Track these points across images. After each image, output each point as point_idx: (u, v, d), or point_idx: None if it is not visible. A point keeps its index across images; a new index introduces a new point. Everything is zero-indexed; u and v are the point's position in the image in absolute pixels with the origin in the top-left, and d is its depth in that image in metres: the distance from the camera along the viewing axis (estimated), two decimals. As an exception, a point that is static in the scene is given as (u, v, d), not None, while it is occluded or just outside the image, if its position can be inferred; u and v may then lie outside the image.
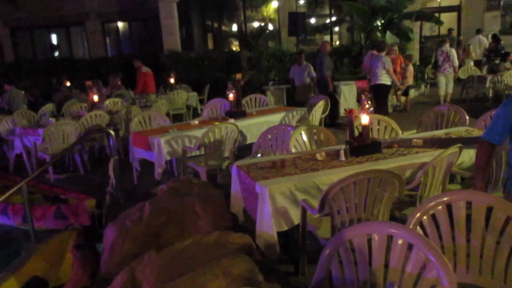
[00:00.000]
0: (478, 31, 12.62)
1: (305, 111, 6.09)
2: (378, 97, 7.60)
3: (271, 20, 17.14)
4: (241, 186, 3.42)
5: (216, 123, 4.99)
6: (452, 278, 1.65)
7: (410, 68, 9.62)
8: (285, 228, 2.96)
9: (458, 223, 2.14)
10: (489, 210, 2.09)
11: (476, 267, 2.13)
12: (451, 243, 2.16)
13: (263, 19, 17.31)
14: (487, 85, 9.39)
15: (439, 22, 11.53)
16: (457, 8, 15.55)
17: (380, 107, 7.54)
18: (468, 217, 2.13)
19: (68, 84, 10.26)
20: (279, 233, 2.94)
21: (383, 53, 7.58)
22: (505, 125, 2.46)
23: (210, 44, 17.40)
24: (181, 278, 2.38)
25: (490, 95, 9.45)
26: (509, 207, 2.05)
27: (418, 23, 12.53)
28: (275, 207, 2.89)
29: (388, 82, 7.56)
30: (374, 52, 7.80)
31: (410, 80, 9.60)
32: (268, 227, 2.90)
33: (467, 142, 3.43)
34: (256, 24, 17.08)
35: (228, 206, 3.54)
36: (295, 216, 2.93)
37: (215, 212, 3.41)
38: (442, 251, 2.11)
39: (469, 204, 2.13)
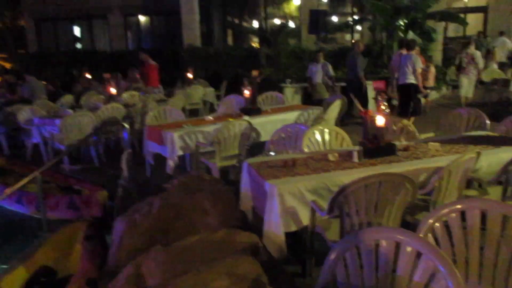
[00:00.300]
0: (502, 33, 12.26)
1: (321, 110, 6.01)
2: (407, 96, 7.42)
3: (292, 17, 17.00)
4: (251, 184, 3.39)
5: (230, 120, 4.96)
6: (461, 289, 1.58)
7: (432, 69, 9.41)
8: (294, 228, 2.91)
9: (471, 232, 2.06)
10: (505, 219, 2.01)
11: (489, 278, 2.05)
12: (463, 252, 2.08)
13: (284, 16, 17.18)
14: (511, 88, 9.12)
15: (464, 23, 11.24)
16: (483, 9, 15.13)
17: (406, 107, 7.38)
18: (483, 226, 2.06)
19: (88, 76, 10.40)
20: (287, 234, 2.90)
21: (413, 52, 7.39)
22: None
23: (230, 40, 17.38)
24: (184, 276, 2.36)
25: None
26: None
27: (443, 23, 12.23)
28: (284, 207, 2.85)
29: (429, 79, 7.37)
30: (403, 51, 7.62)
31: (431, 82, 9.38)
32: (276, 227, 2.86)
33: (488, 143, 3.32)
34: (276, 21, 16.98)
35: (238, 203, 3.51)
36: (304, 217, 2.88)
37: (224, 210, 3.38)
38: (453, 260, 2.05)
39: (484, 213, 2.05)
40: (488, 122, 4.27)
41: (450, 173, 2.82)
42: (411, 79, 7.25)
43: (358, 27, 15.16)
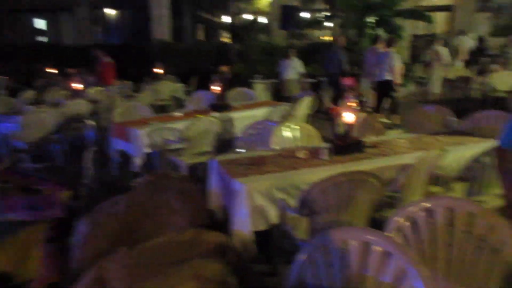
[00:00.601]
0: (461, 32, 12.64)
1: (291, 106, 5.99)
2: (385, 93, 7.49)
3: (263, 13, 16.95)
4: (220, 182, 3.32)
5: (199, 116, 4.87)
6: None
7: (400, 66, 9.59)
8: (263, 227, 2.87)
9: (439, 229, 2.07)
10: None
11: (457, 275, 2.07)
12: (432, 249, 2.09)
13: (255, 12, 17.12)
14: (474, 86, 9.41)
15: (429, 21, 11.49)
16: (449, 8, 15.55)
17: (381, 104, 7.49)
18: (451, 223, 2.07)
19: (52, 70, 10.02)
20: (256, 232, 2.85)
21: (393, 49, 7.48)
22: None
23: (201, 36, 17.19)
24: (150, 279, 2.27)
25: (478, 96, 9.47)
26: (490, 215, 1.99)
27: (411, 21, 12.47)
28: (252, 205, 2.80)
29: (400, 77, 7.52)
30: (380, 46, 7.70)
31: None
32: (244, 226, 2.81)
33: (453, 140, 3.37)
34: (248, 17, 16.90)
35: (207, 202, 3.44)
36: (273, 216, 2.84)
37: (192, 209, 3.30)
38: (422, 257, 2.05)
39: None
40: (453, 119, 4.36)
41: (417, 170, 2.85)
42: (389, 76, 7.35)
43: (331, 24, 15.28)
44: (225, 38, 17.07)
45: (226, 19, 17.36)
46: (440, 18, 14.84)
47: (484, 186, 3.12)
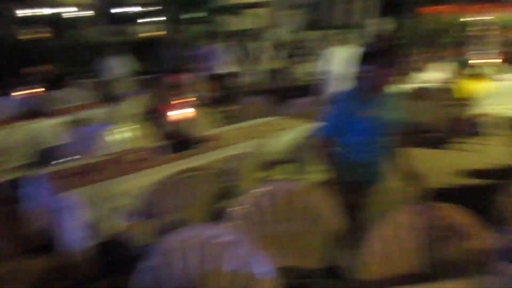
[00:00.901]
0: (274, 27, 13.94)
1: (117, 106, 5.67)
2: (220, 85, 7.86)
3: (85, 6, 15.54)
4: (43, 198, 2.92)
5: (8, 125, 4.22)
6: (271, 269, 1.67)
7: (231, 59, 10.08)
8: (99, 240, 2.65)
9: (279, 211, 2.21)
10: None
11: (298, 250, 2.25)
12: (273, 230, 2.22)
13: (76, 5, 15.56)
14: (289, 76, 10.57)
15: (239, 14, 12.27)
16: (268, 4, 16.83)
17: (218, 97, 7.75)
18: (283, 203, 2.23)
19: None
20: (94, 246, 2.62)
21: (222, 44, 7.80)
22: (337, 119, 2.46)
23: (9, 31, 14.79)
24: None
25: (293, 85, 10.62)
26: (313, 191, 2.23)
27: (235, 17, 13.12)
28: (85, 218, 2.55)
29: (234, 70, 8.11)
30: (209, 42, 8.00)
31: None
32: (79, 242, 2.55)
33: (278, 126, 3.65)
34: (68, 10, 15.24)
35: (29, 224, 2.99)
36: (111, 225, 2.64)
37: (11, 234, 2.85)
38: (266, 239, 2.16)
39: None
40: (278, 107, 4.75)
41: (250, 157, 3.00)
42: (222, 69, 7.71)
43: (158, 19, 14.97)
44: (39, 33, 15.05)
45: (40, 11, 15.25)
46: (263, 13, 15.91)
47: (308, 165, 3.48)
